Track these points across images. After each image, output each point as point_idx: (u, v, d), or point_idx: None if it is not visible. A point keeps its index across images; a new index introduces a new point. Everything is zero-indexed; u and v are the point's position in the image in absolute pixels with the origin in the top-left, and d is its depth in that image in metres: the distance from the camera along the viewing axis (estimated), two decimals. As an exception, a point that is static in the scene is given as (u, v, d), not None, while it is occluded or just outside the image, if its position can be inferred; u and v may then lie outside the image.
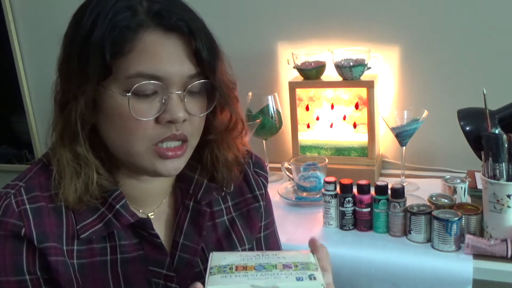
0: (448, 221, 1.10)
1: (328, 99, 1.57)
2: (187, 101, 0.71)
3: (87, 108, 0.69)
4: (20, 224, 0.70)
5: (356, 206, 1.23)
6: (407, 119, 1.40)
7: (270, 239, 0.94)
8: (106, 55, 0.67)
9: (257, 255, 0.66)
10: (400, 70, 1.57)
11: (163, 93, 0.70)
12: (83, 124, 0.70)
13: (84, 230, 0.74)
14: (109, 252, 0.76)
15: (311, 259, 0.65)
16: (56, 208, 0.73)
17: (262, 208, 0.90)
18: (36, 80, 1.99)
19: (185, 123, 0.72)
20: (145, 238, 0.78)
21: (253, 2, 1.66)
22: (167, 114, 0.70)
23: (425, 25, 1.51)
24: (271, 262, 0.63)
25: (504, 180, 1.08)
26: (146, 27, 0.68)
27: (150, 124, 0.70)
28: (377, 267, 1.13)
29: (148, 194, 0.81)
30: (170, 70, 0.69)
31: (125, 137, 0.71)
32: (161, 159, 0.72)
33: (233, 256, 0.65)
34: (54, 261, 0.71)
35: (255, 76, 1.69)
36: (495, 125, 1.18)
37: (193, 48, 0.70)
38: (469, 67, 1.50)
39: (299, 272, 0.61)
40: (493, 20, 1.45)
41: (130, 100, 0.68)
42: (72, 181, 0.72)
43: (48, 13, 1.87)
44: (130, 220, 0.75)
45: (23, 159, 2.10)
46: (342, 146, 1.57)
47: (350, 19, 1.57)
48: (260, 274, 0.60)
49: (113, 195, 0.75)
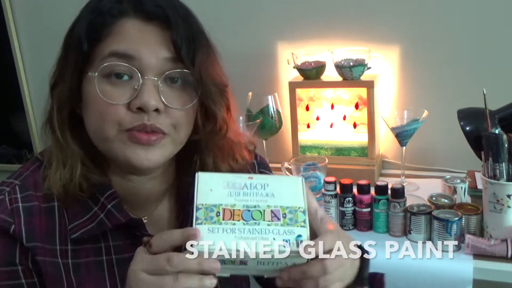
0: (448, 221, 1.10)
1: (328, 99, 1.57)
2: (164, 91, 0.69)
3: (64, 94, 0.71)
4: (11, 221, 0.70)
5: (356, 206, 1.23)
6: (407, 119, 1.39)
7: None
8: (84, 42, 0.68)
9: (245, 185, 0.63)
10: (400, 70, 1.57)
11: (137, 80, 0.68)
12: (60, 110, 0.71)
13: (76, 230, 0.73)
14: (104, 252, 0.75)
15: (299, 199, 0.63)
16: (49, 208, 0.73)
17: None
18: (36, 80, 1.99)
19: (161, 115, 0.69)
20: (139, 239, 0.76)
21: (253, 2, 1.66)
22: (138, 100, 0.68)
23: (425, 25, 1.51)
24: (259, 206, 0.62)
25: (504, 180, 1.08)
26: (126, 14, 0.69)
27: (121, 109, 0.68)
28: (377, 267, 1.13)
29: (140, 196, 0.79)
30: (143, 50, 0.68)
31: (97, 121, 0.70)
32: (133, 144, 0.69)
33: (220, 187, 0.62)
34: (42, 261, 0.72)
35: (255, 76, 1.69)
36: (495, 125, 1.18)
37: (172, 36, 0.69)
38: (469, 67, 1.50)
39: (287, 229, 0.60)
40: (493, 20, 1.45)
41: (98, 81, 0.68)
42: (57, 169, 0.72)
43: (48, 13, 1.87)
44: (121, 220, 0.74)
45: (23, 159, 2.09)
46: (342, 146, 1.57)
47: (350, 19, 1.57)
48: (247, 229, 0.59)
49: (105, 194, 0.74)
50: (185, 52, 0.69)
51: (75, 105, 0.72)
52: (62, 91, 0.71)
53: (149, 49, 0.68)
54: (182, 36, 0.69)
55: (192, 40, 0.70)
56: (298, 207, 0.62)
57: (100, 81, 0.68)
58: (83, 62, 0.69)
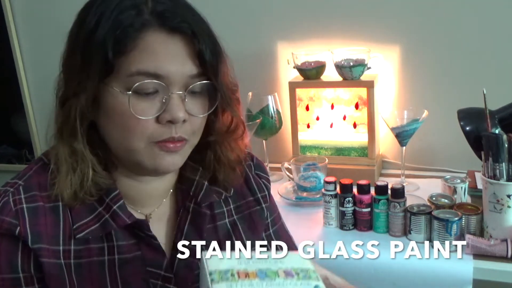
0: (448, 221, 1.10)
1: (328, 99, 1.57)
2: (188, 102, 0.71)
3: (87, 105, 0.70)
4: (16, 223, 0.70)
5: (356, 206, 1.23)
6: (407, 119, 1.40)
7: (280, 232, 0.94)
8: (108, 53, 0.67)
9: (252, 256, 0.65)
10: (400, 70, 1.57)
11: (164, 93, 0.70)
12: (81, 120, 0.71)
13: (80, 230, 0.74)
14: (106, 252, 0.76)
15: (307, 264, 0.65)
16: (54, 208, 0.73)
17: (265, 210, 0.90)
18: (36, 80, 1.99)
19: (185, 123, 0.72)
20: (142, 239, 0.78)
21: (253, 2, 1.66)
22: (167, 114, 0.70)
23: (425, 25, 1.51)
24: (271, 268, 0.63)
25: (504, 180, 1.08)
26: (150, 26, 0.68)
27: (150, 123, 0.70)
28: (377, 267, 1.13)
29: (147, 195, 0.81)
30: (171, 69, 0.69)
31: (125, 134, 0.71)
32: (161, 152, 0.72)
33: (228, 259, 0.64)
34: (46, 263, 0.71)
35: (255, 76, 1.69)
36: (495, 125, 1.18)
37: (196, 49, 0.70)
38: (469, 67, 1.50)
39: (303, 282, 0.61)
40: (493, 20, 1.45)
41: (130, 98, 0.68)
42: (67, 176, 0.71)
43: (48, 12, 1.87)
44: (126, 221, 0.75)
45: (23, 159, 2.10)
46: (342, 146, 1.57)
47: (350, 19, 1.57)
48: (265, 283, 0.60)
49: (111, 195, 0.75)
50: (210, 65, 0.71)
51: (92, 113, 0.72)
52: (83, 102, 0.70)
53: (175, 64, 0.69)
54: (207, 49, 0.70)
55: (214, 52, 0.72)
56: (308, 269, 0.64)
57: (130, 96, 0.68)
58: (106, 73, 0.68)
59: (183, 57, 0.70)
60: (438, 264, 1.09)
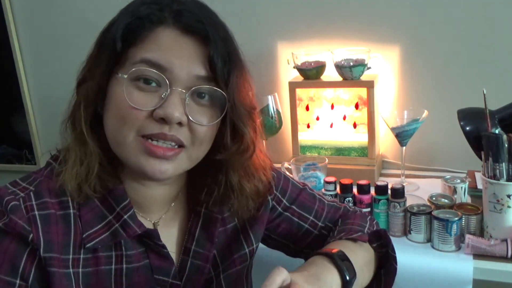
0: (448, 221, 1.10)
1: (328, 99, 1.57)
2: (190, 105, 0.70)
3: (93, 90, 0.70)
4: (29, 229, 0.68)
5: (356, 206, 1.23)
6: (407, 119, 1.40)
7: (304, 203, 0.92)
8: (118, 42, 0.68)
9: None
10: (400, 70, 1.57)
11: (165, 88, 0.68)
12: (86, 106, 0.70)
13: (91, 239, 0.72)
14: (114, 261, 0.74)
15: None
16: (65, 216, 0.72)
17: (270, 202, 0.88)
18: (36, 80, 1.99)
19: (183, 128, 0.69)
20: (151, 247, 0.76)
21: (253, 2, 1.66)
22: (162, 110, 0.67)
23: (425, 25, 1.51)
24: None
25: (504, 180, 1.08)
26: (164, 22, 0.68)
27: (143, 116, 0.68)
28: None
29: (154, 201, 0.79)
30: (176, 63, 0.68)
31: (117, 123, 0.69)
32: (147, 155, 0.69)
33: None
34: (56, 273, 0.69)
35: (255, 76, 1.66)
36: (495, 125, 1.18)
37: (208, 53, 0.68)
38: (469, 67, 1.50)
39: None
40: (493, 20, 1.45)
41: (128, 85, 0.68)
42: (74, 166, 0.71)
43: (48, 13, 1.86)
44: (137, 232, 0.73)
45: (23, 159, 2.10)
46: (342, 146, 1.57)
47: (350, 19, 1.57)
48: None
49: (121, 204, 0.73)
50: (220, 71, 0.69)
51: (100, 103, 0.72)
52: (90, 88, 0.70)
53: (181, 62, 0.68)
54: (219, 54, 0.69)
55: (228, 60, 0.70)
56: None
57: (128, 83, 0.68)
58: (114, 62, 0.69)
59: (192, 57, 0.69)
60: (438, 264, 1.09)
